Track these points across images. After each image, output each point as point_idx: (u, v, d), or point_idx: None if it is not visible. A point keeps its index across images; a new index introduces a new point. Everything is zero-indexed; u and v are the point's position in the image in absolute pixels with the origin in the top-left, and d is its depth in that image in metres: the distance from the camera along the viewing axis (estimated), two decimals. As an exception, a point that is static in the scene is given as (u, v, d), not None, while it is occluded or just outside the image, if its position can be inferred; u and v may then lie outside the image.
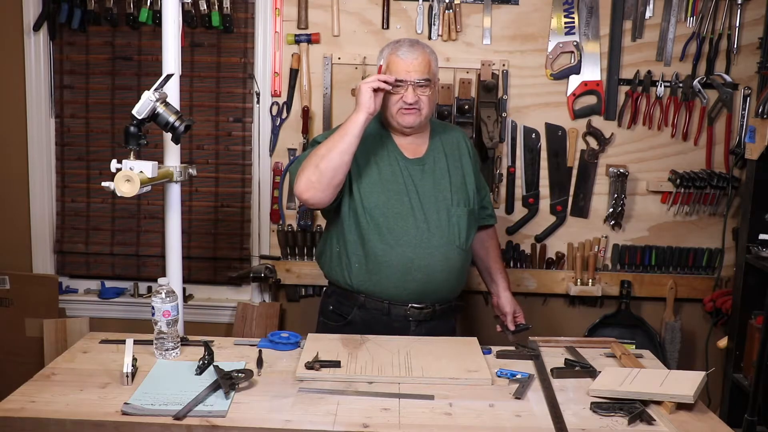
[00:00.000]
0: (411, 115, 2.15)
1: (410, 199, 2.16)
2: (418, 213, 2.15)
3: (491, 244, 2.46)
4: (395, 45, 2.17)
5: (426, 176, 2.21)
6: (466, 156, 2.32)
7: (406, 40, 2.19)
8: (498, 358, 1.98)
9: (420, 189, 2.18)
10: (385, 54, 2.17)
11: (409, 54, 2.12)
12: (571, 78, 3.01)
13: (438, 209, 2.18)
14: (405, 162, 2.20)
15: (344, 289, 2.23)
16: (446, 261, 2.18)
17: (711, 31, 2.97)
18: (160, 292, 1.89)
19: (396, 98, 2.13)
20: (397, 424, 1.58)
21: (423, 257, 2.13)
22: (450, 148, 2.29)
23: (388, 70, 2.14)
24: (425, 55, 2.15)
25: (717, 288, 3.09)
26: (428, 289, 2.17)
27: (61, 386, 1.72)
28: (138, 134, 1.95)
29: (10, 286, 3.07)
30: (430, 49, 2.18)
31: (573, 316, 3.17)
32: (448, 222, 2.19)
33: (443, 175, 2.23)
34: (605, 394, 1.73)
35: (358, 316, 2.20)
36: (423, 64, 2.13)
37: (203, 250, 3.16)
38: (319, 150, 2.06)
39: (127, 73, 3.08)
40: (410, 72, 2.11)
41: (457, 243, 2.20)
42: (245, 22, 3.03)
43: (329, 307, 2.29)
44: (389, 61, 2.14)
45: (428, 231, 2.15)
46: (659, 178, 3.07)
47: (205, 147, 3.12)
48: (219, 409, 1.61)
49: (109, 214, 3.19)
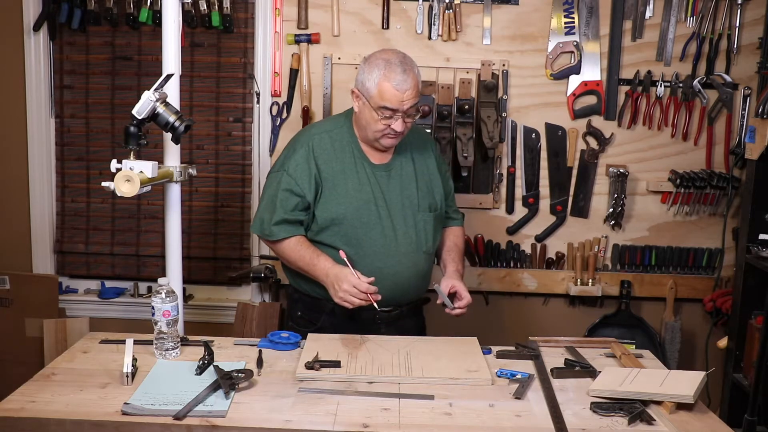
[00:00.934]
0: (394, 139, 2.12)
1: (378, 207, 2.14)
2: (386, 221, 2.14)
3: (455, 243, 2.36)
4: (387, 69, 2.04)
5: (393, 182, 2.19)
6: (432, 159, 2.30)
7: (398, 63, 2.05)
8: (498, 358, 1.98)
9: (387, 196, 2.16)
10: (376, 79, 2.04)
11: (404, 84, 2.03)
12: (571, 78, 3.01)
13: (405, 216, 2.17)
14: (372, 168, 2.18)
15: (312, 297, 2.21)
16: (414, 267, 2.18)
17: (711, 31, 2.97)
18: (160, 292, 1.89)
19: (383, 124, 2.07)
20: (397, 424, 1.58)
21: (391, 265, 2.13)
22: (417, 151, 2.26)
23: (378, 97, 2.04)
24: (416, 79, 2.07)
25: (717, 288, 3.09)
26: (396, 294, 2.17)
27: (61, 386, 1.72)
28: (138, 134, 1.95)
29: (10, 286, 3.07)
30: (417, 68, 2.10)
31: (573, 316, 3.17)
32: (414, 228, 2.18)
33: (410, 180, 2.21)
34: (605, 394, 1.73)
35: (327, 321, 2.17)
36: (415, 89, 2.07)
37: (203, 250, 3.16)
38: (288, 253, 2.15)
39: (127, 73, 3.08)
40: (404, 102, 2.04)
41: (424, 248, 2.21)
42: (245, 22, 3.03)
43: (297, 312, 2.28)
44: (382, 89, 2.03)
45: (395, 239, 2.15)
46: (659, 178, 3.07)
47: (205, 147, 3.12)
48: (219, 409, 1.61)
49: (109, 214, 3.19)
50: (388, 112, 2.05)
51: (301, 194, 2.13)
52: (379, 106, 2.05)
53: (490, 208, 3.09)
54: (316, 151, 2.15)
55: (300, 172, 2.13)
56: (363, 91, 2.09)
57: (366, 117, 2.10)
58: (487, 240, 3.10)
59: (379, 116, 2.06)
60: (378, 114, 2.06)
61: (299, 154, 2.15)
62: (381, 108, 2.05)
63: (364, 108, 2.10)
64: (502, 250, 3.11)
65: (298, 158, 2.15)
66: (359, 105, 2.12)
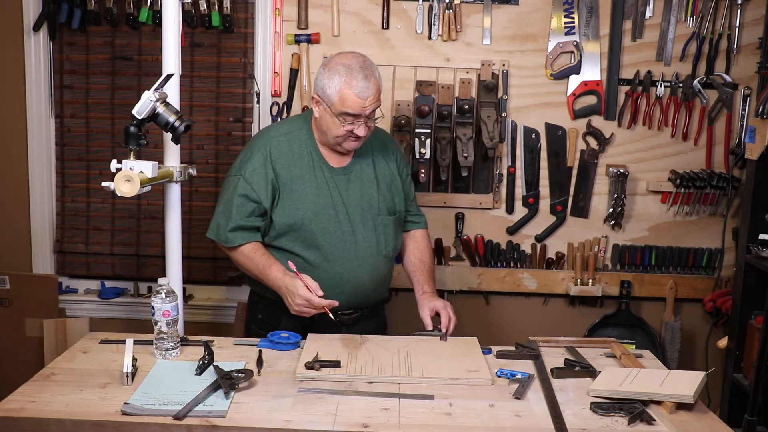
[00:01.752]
0: (356, 142, 2.11)
1: (337, 212, 2.13)
2: (345, 225, 2.13)
3: (420, 259, 2.33)
4: (348, 76, 2.01)
5: (352, 185, 2.17)
6: (393, 161, 2.28)
7: (359, 69, 2.02)
8: (498, 358, 1.98)
9: (346, 200, 2.15)
10: (337, 86, 2.02)
11: (366, 90, 2.01)
12: (571, 78, 3.01)
13: (364, 219, 2.16)
14: (330, 172, 2.16)
15: (271, 299, 2.19)
16: (374, 271, 2.18)
17: (711, 31, 2.97)
18: (160, 292, 1.89)
19: (344, 130, 2.05)
20: (397, 424, 1.59)
21: (352, 270, 2.13)
22: (378, 153, 2.25)
23: (340, 104, 2.02)
24: (377, 83, 2.05)
25: (717, 288, 3.09)
26: (357, 298, 2.17)
27: (61, 386, 1.72)
28: (138, 134, 1.96)
29: (10, 286, 3.07)
30: (378, 72, 2.08)
31: (573, 316, 3.17)
32: (374, 232, 2.18)
33: (370, 183, 2.20)
34: (605, 394, 1.73)
35: (288, 324, 2.14)
36: (377, 94, 2.05)
37: (203, 250, 3.16)
38: (242, 260, 2.15)
39: (127, 73, 3.08)
40: (366, 107, 2.03)
41: (384, 252, 2.20)
42: (245, 22, 3.03)
43: (258, 315, 2.27)
44: (343, 96, 2.01)
45: (356, 243, 2.14)
46: (659, 178, 3.07)
47: (205, 147, 3.12)
48: (219, 409, 1.61)
49: (109, 214, 3.19)
50: (350, 118, 2.04)
51: (258, 200, 2.11)
52: (340, 113, 2.03)
53: (490, 208, 3.09)
54: (273, 155, 2.12)
55: (256, 177, 2.11)
56: (323, 98, 2.06)
57: (327, 122, 2.07)
58: (487, 240, 3.10)
59: (340, 122, 2.04)
60: (339, 120, 2.04)
61: (256, 159, 2.12)
62: (343, 114, 2.03)
63: (324, 113, 2.07)
64: (502, 250, 3.11)
65: (255, 162, 2.12)
66: (320, 110, 2.09)
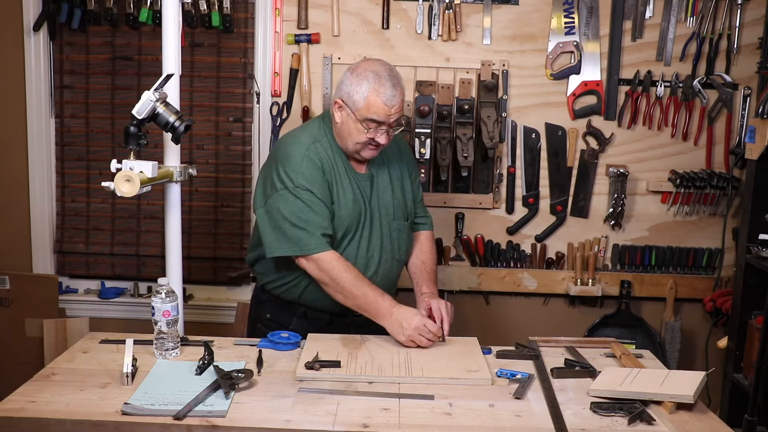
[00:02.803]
0: (375, 150, 2.10)
1: (364, 218, 2.13)
2: (365, 231, 2.13)
3: (422, 261, 2.30)
4: (377, 83, 2.01)
5: (373, 191, 2.17)
6: (404, 163, 2.28)
7: (387, 77, 2.02)
8: (498, 358, 1.98)
9: (372, 206, 2.15)
10: (365, 92, 2.01)
11: (393, 99, 2.01)
12: (571, 78, 3.01)
13: (381, 225, 2.16)
14: (357, 178, 2.15)
15: (282, 299, 2.18)
16: (387, 276, 2.18)
17: (711, 31, 2.97)
18: (160, 292, 1.89)
19: (366, 136, 2.04)
20: (397, 424, 1.58)
21: (367, 275, 2.10)
22: (392, 157, 2.24)
23: (366, 109, 2.00)
24: (403, 93, 2.06)
25: (717, 288, 3.09)
26: None
27: (61, 386, 1.72)
28: (138, 134, 1.95)
29: (10, 286, 3.07)
30: (403, 82, 2.08)
31: (573, 316, 3.17)
32: (389, 237, 2.17)
33: (386, 188, 2.19)
34: (605, 394, 1.73)
35: (298, 325, 2.14)
36: (402, 103, 2.05)
37: (203, 250, 3.16)
38: (341, 286, 2.02)
39: (127, 73, 3.08)
40: (391, 115, 2.02)
41: (397, 257, 2.21)
42: (245, 22, 3.03)
43: (266, 314, 2.24)
44: (370, 102, 2.00)
45: (372, 249, 2.14)
46: (659, 178, 3.07)
47: (205, 147, 3.12)
48: (219, 409, 1.61)
49: (109, 214, 3.19)
50: (374, 125, 2.03)
51: (328, 204, 2.06)
52: (365, 119, 2.02)
53: (490, 208, 3.09)
54: (321, 160, 2.08)
55: (317, 184, 2.05)
56: (349, 103, 2.04)
57: (349, 128, 2.06)
58: (487, 240, 3.10)
59: (363, 128, 2.03)
60: (363, 126, 2.03)
61: (306, 167, 2.05)
62: (367, 120, 2.02)
63: (347, 119, 2.06)
64: (502, 250, 3.11)
65: (305, 171, 2.04)
66: (342, 116, 2.07)
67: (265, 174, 2.13)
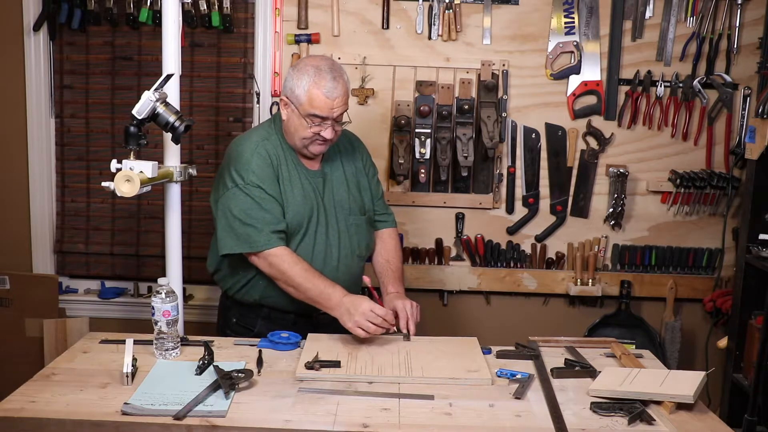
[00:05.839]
0: (323, 146, 2.10)
1: (318, 215, 2.13)
2: (322, 227, 2.13)
3: (387, 259, 2.31)
4: (317, 76, 2.01)
5: (326, 187, 2.17)
6: (360, 161, 2.28)
7: (328, 70, 2.03)
8: (498, 358, 1.98)
9: (325, 202, 2.15)
10: (306, 86, 2.01)
11: (334, 91, 2.01)
12: (571, 78, 3.01)
13: (338, 221, 2.16)
14: (308, 175, 2.15)
15: (246, 303, 2.19)
16: (348, 271, 2.18)
17: (711, 31, 2.97)
18: (160, 292, 1.89)
19: (311, 131, 2.04)
20: (397, 424, 1.58)
21: (328, 272, 2.10)
22: (345, 154, 2.25)
23: (308, 104, 2.01)
24: (345, 86, 2.05)
25: (717, 288, 3.09)
26: None
27: (61, 386, 1.72)
28: (138, 134, 1.95)
29: (10, 286, 3.07)
30: (346, 75, 2.08)
31: (573, 316, 3.17)
32: (347, 233, 2.18)
33: (340, 184, 2.20)
34: (605, 394, 1.73)
35: (263, 327, 2.14)
36: (345, 96, 2.05)
37: (203, 250, 3.13)
38: (291, 279, 2.01)
39: (127, 73, 3.08)
40: (334, 109, 2.02)
41: (357, 252, 2.21)
42: (245, 22, 3.03)
43: (233, 319, 2.24)
44: (311, 96, 2.01)
45: (331, 245, 2.14)
46: (659, 178, 3.07)
47: (205, 147, 3.12)
48: (219, 409, 1.61)
49: (109, 214, 3.19)
50: (318, 120, 2.03)
51: (278, 200, 2.07)
52: (308, 114, 2.03)
53: (490, 208, 3.09)
54: (270, 157, 2.09)
55: (267, 180, 2.06)
56: (292, 99, 2.05)
57: (295, 124, 2.07)
58: (487, 240, 3.10)
59: (308, 124, 2.04)
60: (307, 121, 2.03)
61: (255, 163, 2.06)
62: (310, 116, 2.03)
63: (292, 115, 2.07)
64: (502, 250, 3.11)
65: (255, 167, 2.06)
66: (287, 112, 2.08)
67: (218, 176, 2.16)
